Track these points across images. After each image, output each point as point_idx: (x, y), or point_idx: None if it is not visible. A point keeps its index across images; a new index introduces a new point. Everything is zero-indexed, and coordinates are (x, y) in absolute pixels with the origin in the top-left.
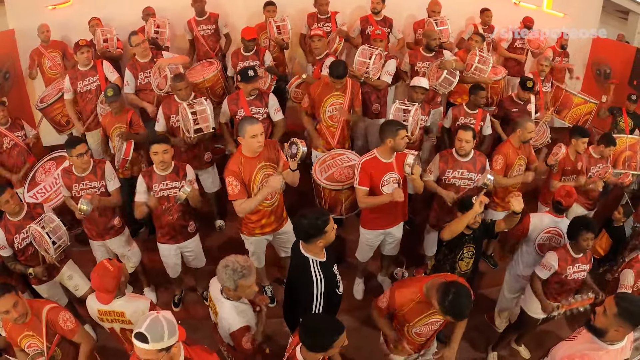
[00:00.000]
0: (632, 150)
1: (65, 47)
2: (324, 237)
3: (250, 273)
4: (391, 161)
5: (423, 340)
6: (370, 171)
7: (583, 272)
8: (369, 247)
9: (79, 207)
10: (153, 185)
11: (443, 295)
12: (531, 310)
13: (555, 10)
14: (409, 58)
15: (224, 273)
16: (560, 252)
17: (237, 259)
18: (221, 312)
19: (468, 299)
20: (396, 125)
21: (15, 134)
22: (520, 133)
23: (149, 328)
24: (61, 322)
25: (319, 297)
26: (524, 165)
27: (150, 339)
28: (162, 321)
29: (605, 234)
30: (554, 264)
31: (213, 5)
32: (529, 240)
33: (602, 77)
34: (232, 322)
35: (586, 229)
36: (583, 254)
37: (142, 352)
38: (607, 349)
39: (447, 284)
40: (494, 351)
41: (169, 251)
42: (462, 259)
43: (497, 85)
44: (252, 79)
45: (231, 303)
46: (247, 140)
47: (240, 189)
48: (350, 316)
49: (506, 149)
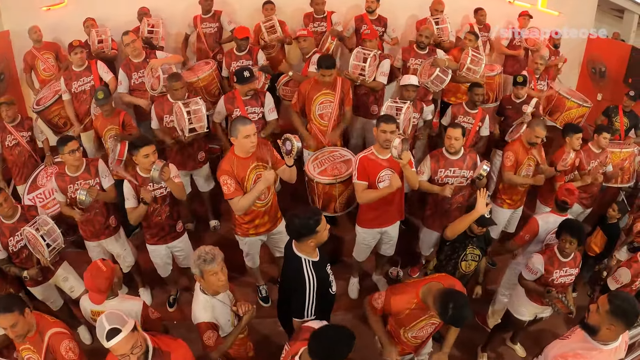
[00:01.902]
0: (627, 162)
1: (58, 49)
2: (315, 237)
3: (213, 259)
4: (387, 158)
5: (419, 342)
6: (366, 167)
7: (570, 276)
8: (365, 246)
9: (78, 198)
10: (140, 189)
11: (443, 308)
12: (517, 312)
13: (550, 8)
14: (402, 55)
15: (192, 260)
16: (547, 255)
17: (204, 247)
18: (193, 303)
19: (467, 306)
20: (381, 119)
21: (20, 133)
22: (528, 135)
23: (111, 321)
24: (63, 351)
25: (311, 296)
26: (533, 166)
27: (121, 327)
28: (113, 312)
29: (600, 232)
30: (540, 268)
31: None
32: (538, 241)
33: (598, 75)
34: (197, 314)
35: (566, 231)
36: (571, 257)
37: (122, 344)
38: (600, 349)
39: (444, 295)
40: (484, 352)
41: (159, 251)
42: (465, 259)
43: (492, 81)
44: (247, 80)
45: (204, 297)
46: (240, 141)
47: (236, 186)
48: (345, 315)
49: (517, 147)
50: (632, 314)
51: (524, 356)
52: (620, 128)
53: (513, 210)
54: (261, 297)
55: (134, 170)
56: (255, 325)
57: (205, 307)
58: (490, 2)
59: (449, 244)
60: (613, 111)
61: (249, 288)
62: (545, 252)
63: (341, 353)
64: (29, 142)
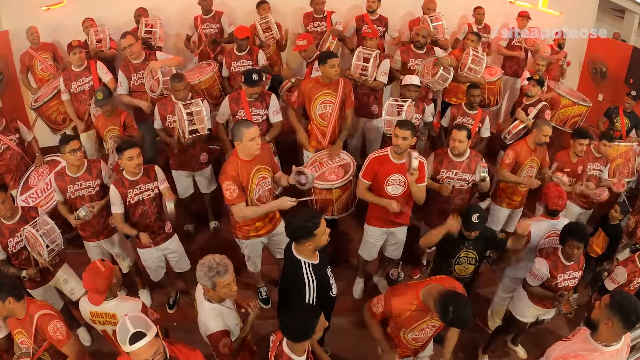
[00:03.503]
0: (624, 157)
1: (55, 49)
2: (313, 240)
3: (226, 271)
4: (402, 163)
5: (419, 344)
6: (377, 167)
7: (574, 279)
8: (372, 244)
9: (77, 213)
10: (128, 192)
11: (443, 310)
12: (519, 314)
13: (551, 8)
14: (401, 55)
15: (200, 272)
16: (551, 259)
17: (213, 257)
18: (200, 314)
19: (468, 308)
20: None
21: (8, 137)
22: (536, 134)
23: (136, 324)
24: (51, 331)
25: (311, 299)
26: (535, 168)
27: (146, 331)
28: (138, 316)
29: (601, 233)
30: (545, 273)
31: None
32: (531, 246)
33: (599, 75)
34: (208, 325)
35: (573, 237)
36: (574, 261)
37: (146, 349)
38: (601, 350)
39: (444, 297)
40: (485, 353)
41: (150, 255)
42: (458, 262)
43: (493, 85)
44: (254, 83)
45: (210, 305)
46: (245, 144)
47: (239, 192)
48: (345, 317)
49: (520, 147)
50: (630, 312)
51: (525, 358)
52: (622, 128)
53: (512, 210)
54: (261, 298)
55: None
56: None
57: (215, 315)
58: (491, 1)
59: (440, 247)
60: (614, 112)
61: (248, 289)
62: (550, 257)
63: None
64: (18, 145)
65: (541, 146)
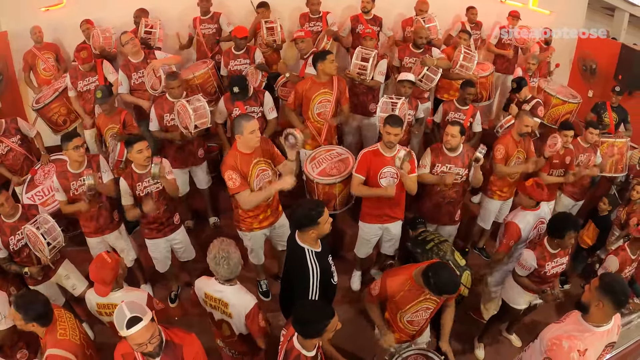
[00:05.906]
0: (620, 153)
1: (58, 49)
2: (316, 228)
3: (235, 250)
4: (392, 156)
5: (416, 329)
6: (369, 162)
7: (562, 265)
8: (367, 241)
9: (86, 183)
10: (137, 185)
11: (425, 279)
12: (512, 301)
13: (541, 7)
14: (398, 53)
15: (221, 268)
16: (538, 250)
17: (220, 246)
18: (231, 301)
19: (447, 271)
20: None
21: (9, 139)
22: (517, 125)
23: (132, 309)
24: None
25: (315, 285)
26: (522, 158)
27: (142, 315)
28: (134, 302)
29: (591, 224)
30: (533, 264)
31: (217, 4)
32: (522, 240)
33: (588, 72)
34: (245, 303)
35: (570, 227)
36: (561, 248)
37: (142, 333)
38: (592, 331)
39: (426, 267)
40: (480, 342)
41: (158, 245)
42: None
43: (485, 81)
44: (236, 97)
45: (233, 287)
46: (246, 137)
47: (242, 181)
48: (345, 307)
49: (507, 140)
50: (619, 292)
51: (519, 346)
52: (610, 123)
53: (503, 202)
54: (261, 291)
55: (131, 168)
56: None
57: (245, 292)
58: (483, 1)
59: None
60: (601, 107)
61: (249, 282)
62: (536, 248)
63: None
64: (21, 145)
65: (525, 137)
